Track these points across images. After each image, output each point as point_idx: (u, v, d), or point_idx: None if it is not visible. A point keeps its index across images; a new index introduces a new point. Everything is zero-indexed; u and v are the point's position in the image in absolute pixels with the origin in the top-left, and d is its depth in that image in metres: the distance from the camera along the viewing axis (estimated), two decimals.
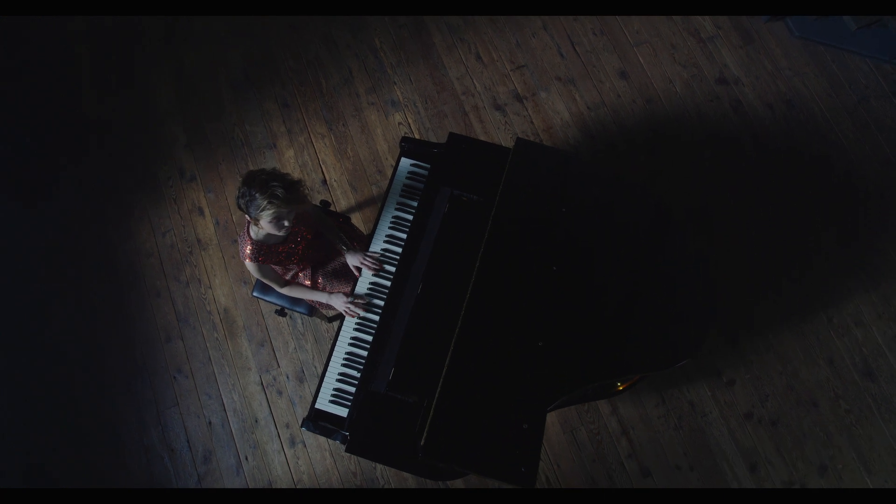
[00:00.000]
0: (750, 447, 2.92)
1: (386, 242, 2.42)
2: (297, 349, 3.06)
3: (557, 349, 1.76)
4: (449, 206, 2.27)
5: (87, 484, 2.92)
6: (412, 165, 2.51)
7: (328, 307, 2.55)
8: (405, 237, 2.39)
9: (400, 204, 2.47)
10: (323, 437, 2.65)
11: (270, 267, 2.29)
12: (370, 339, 2.28)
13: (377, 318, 2.31)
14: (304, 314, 2.69)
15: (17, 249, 3.24)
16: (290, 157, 3.35)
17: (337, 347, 2.31)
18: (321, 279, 2.49)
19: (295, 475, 2.91)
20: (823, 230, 3.20)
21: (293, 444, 2.95)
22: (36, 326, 3.13)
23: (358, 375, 2.24)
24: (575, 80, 3.46)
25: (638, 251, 2.02)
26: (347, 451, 2.02)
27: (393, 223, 2.44)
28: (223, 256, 3.21)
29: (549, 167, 2.17)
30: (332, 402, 2.23)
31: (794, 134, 3.37)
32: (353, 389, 2.23)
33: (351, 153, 3.34)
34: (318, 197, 3.27)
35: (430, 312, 2.15)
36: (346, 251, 2.39)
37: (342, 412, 2.21)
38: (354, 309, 2.30)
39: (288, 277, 2.49)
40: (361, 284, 2.38)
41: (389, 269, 2.37)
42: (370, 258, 2.34)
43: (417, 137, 3.35)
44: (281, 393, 3.01)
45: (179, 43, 3.57)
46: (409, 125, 3.38)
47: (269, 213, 1.91)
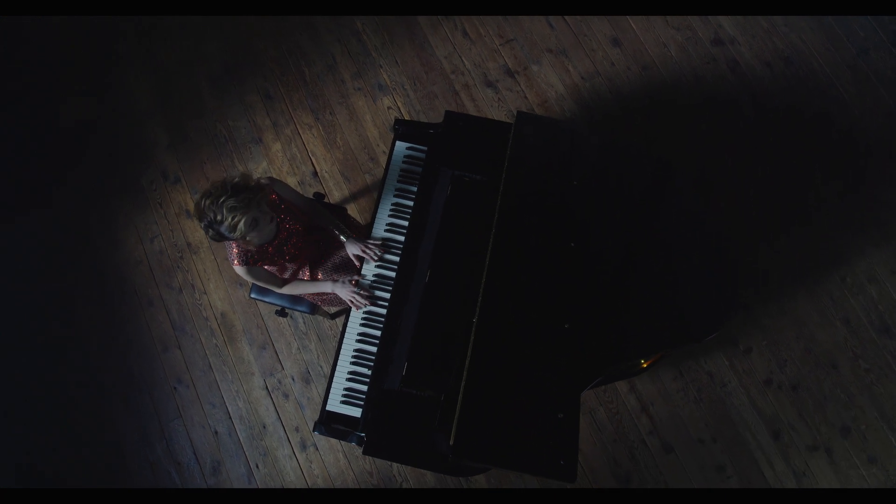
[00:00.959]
0: (772, 414, 2.86)
1: (387, 231, 2.30)
2: (300, 349, 2.95)
3: (585, 329, 1.66)
4: (451, 188, 2.16)
5: None
6: (408, 149, 2.39)
7: (330, 302, 2.44)
8: (407, 224, 2.28)
9: (399, 190, 2.35)
10: (336, 439, 2.54)
11: (263, 268, 2.16)
12: (378, 333, 2.18)
13: (384, 311, 2.20)
14: (305, 313, 2.57)
15: None
16: (277, 150, 3.21)
17: (344, 345, 2.20)
18: (321, 275, 2.38)
19: (309, 479, 2.82)
20: (828, 187, 3.13)
21: (304, 447, 2.85)
22: (21, 350, 2.98)
23: (369, 373, 2.14)
24: (567, 50, 3.33)
25: (658, 221, 1.92)
26: (365, 453, 1.92)
27: (393, 210, 2.32)
28: (216, 259, 3.07)
29: (553, 139, 2.06)
30: (343, 402, 2.13)
31: (794, 91, 3.27)
32: (364, 388, 2.12)
33: (340, 142, 3.21)
34: (310, 190, 3.14)
35: (440, 301, 2.05)
36: (345, 240, 2.27)
37: (355, 412, 2.11)
38: (360, 299, 2.18)
39: (287, 276, 2.36)
40: (366, 277, 2.27)
41: (393, 258, 2.26)
42: (372, 246, 2.23)
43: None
44: (287, 396, 2.90)
45: (154, 40, 3.40)
46: (398, 109, 3.25)
47: (242, 224, 1.79)
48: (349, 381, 2.16)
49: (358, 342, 2.20)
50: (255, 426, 2.88)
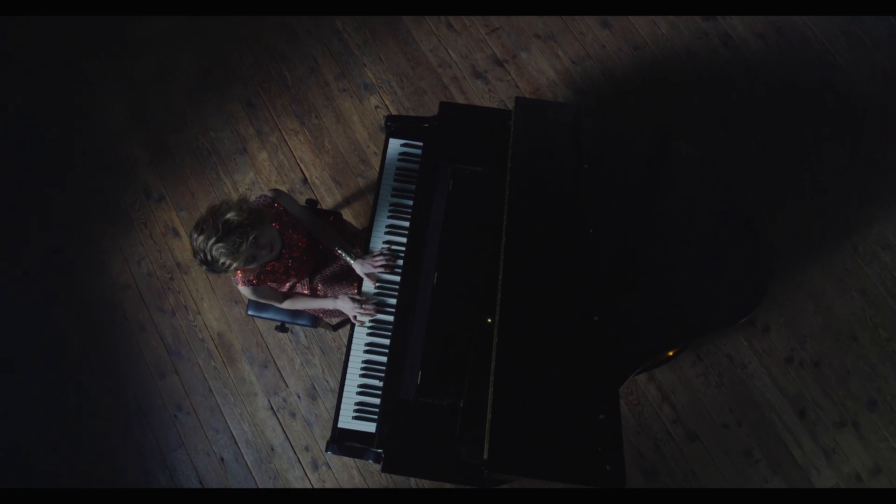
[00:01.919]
0: (795, 393, 2.78)
1: (388, 234, 2.18)
2: (304, 365, 2.81)
3: (617, 320, 1.55)
4: (452, 182, 2.04)
5: None
6: (402, 146, 2.27)
7: (332, 314, 2.31)
8: (408, 225, 2.16)
9: (396, 190, 2.23)
10: (351, 458, 2.39)
11: (267, 286, 2.04)
12: (387, 342, 2.06)
13: (391, 318, 2.09)
14: (307, 326, 2.45)
15: None
16: (263, 159, 3.08)
17: (351, 357, 2.08)
18: (320, 286, 2.25)
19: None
20: (831, 156, 3.05)
21: (316, 467, 2.72)
22: (10, 389, 2.83)
23: (380, 384, 2.02)
24: (555, 35, 3.23)
25: (675, 200, 1.82)
26: (384, 470, 1.80)
27: (392, 211, 2.20)
28: (208, 277, 2.94)
29: (557, 123, 1.95)
30: (356, 418, 2.01)
31: (788, 61, 3.20)
32: (377, 401, 2.00)
33: (329, 146, 3.09)
34: (301, 198, 3.01)
35: (450, 303, 1.93)
36: (352, 261, 2.14)
37: (369, 427, 1.99)
38: (365, 314, 2.06)
39: (285, 290, 2.23)
40: (368, 285, 2.15)
41: (397, 263, 2.14)
42: (381, 260, 2.10)
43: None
44: (294, 415, 2.77)
45: (124, 54, 3.26)
46: (386, 107, 3.13)
47: (239, 264, 1.70)
48: (360, 394, 2.03)
49: (366, 353, 2.08)
50: (262, 449, 2.74)
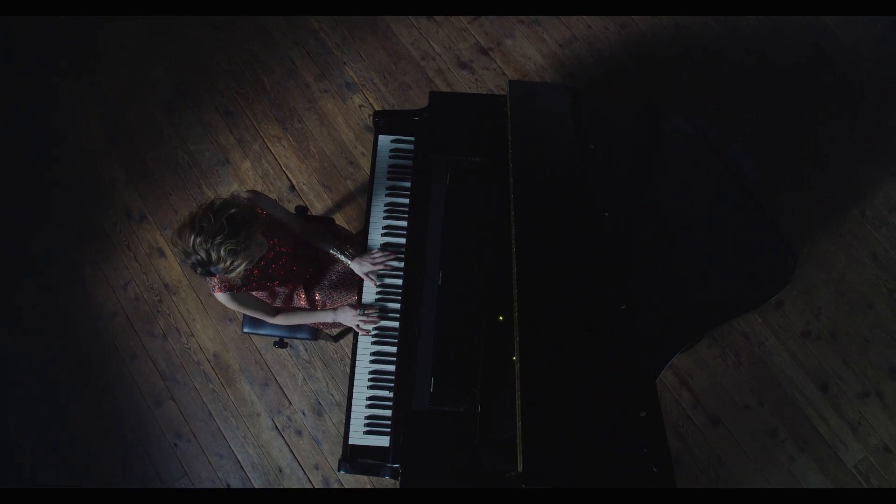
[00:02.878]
0: (816, 367, 2.70)
1: (385, 235, 2.07)
2: (306, 380, 2.69)
3: (645, 308, 1.45)
4: (450, 175, 1.93)
5: None
6: (393, 142, 2.16)
7: (332, 324, 2.19)
8: (406, 224, 2.05)
9: (390, 189, 2.12)
10: (366, 475, 2.26)
11: (249, 294, 1.90)
12: (394, 350, 1.95)
13: (396, 324, 1.97)
14: (307, 339, 2.32)
15: None
16: (247, 169, 2.95)
17: (357, 368, 1.96)
18: (318, 296, 2.13)
19: None
20: (830, 122, 2.98)
21: (328, 485, 2.59)
22: None
23: (390, 395, 1.91)
24: (539, 19, 3.13)
25: (686, 175, 1.72)
26: (403, 486, 1.69)
27: (388, 212, 2.09)
28: (198, 296, 2.80)
29: (554, 104, 1.85)
30: (367, 432, 1.89)
31: (780, 29, 3.12)
32: (388, 413, 1.89)
33: (314, 150, 2.96)
34: (290, 205, 2.88)
35: (458, 303, 1.82)
36: (349, 262, 2.02)
37: (382, 441, 1.87)
38: (369, 321, 1.95)
39: (279, 304, 2.10)
40: (368, 291, 2.03)
41: (397, 264, 2.03)
42: (380, 258, 1.99)
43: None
44: (300, 433, 2.64)
45: (93, 73, 3.11)
46: (371, 106, 3.01)
47: (242, 267, 1.55)
48: (370, 407, 1.92)
49: (373, 363, 1.96)
50: (270, 471, 2.62)
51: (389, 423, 1.87)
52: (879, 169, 2.94)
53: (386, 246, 2.04)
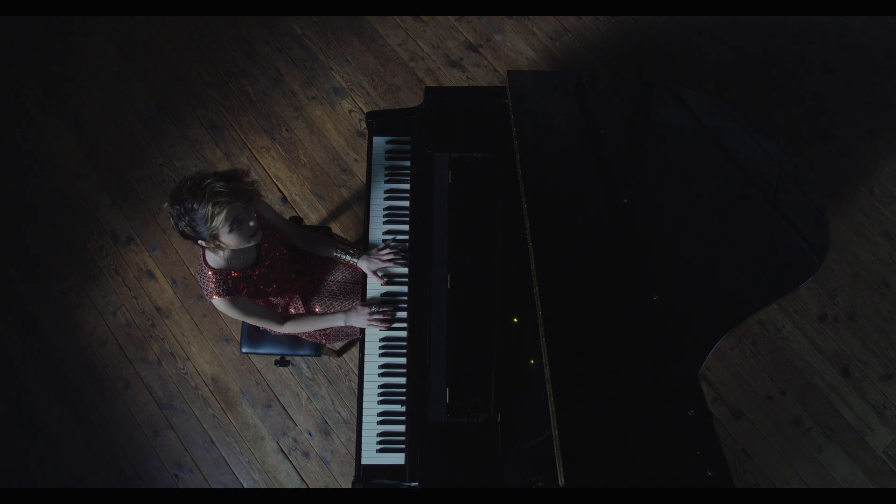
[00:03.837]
0: (835, 351, 2.62)
1: (386, 241, 1.96)
2: (311, 399, 2.57)
3: (679, 297, 1.35)
4: (452, 173, 1.84)
5: None
6: (388, 143, 2.06)
7: (336, 336, 2.08)
8: (408, 228, 1.95)
9: (388, 192, 2.02)
10: None
11: (248, 299, 1.75)
12: (404, 361, 1.84)
13: (404, 332, 1.87)
14: (309, 355, 2.21)
15: None
16: None
17: (366, 383, 1.85)
18: (318, 308, 2.02)
19: None
20: (830, 100, 2.92)
21: None
22: None
23: (402, 409, 1.79)
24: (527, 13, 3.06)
25: (707, 156, 1.63)
26: None
27: (387, 216, 1.99)
28: (192, 318, 2.68)
29: (557, 91, 1.76)
30: (381, 451, 1.78)
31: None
32: (402, 428, 1.77)
33: (305, 159, 2.86)
34: None
35: (470, 307, 1.72)
36: (356, 261, 1.92)
37: (398, 459, 1.76)
38: (385, 319, 1.84)
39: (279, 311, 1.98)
40: (371, 292, 1.93)
41: (400, 270, 1.93)
42: (388, 253, 1.89)
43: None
44: (308, 454, 2.52)
45: (68, 93, 3.00)
46: (360, 110, 2.92)
47: (221, 217, 1.43)
48: (382, 423, 1.80)
49: (382, 376, 1.85)
50: None
51: (404, 439, 1.75)
52: (883, 144, 2.89)
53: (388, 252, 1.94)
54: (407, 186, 1.99)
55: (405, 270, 1.92)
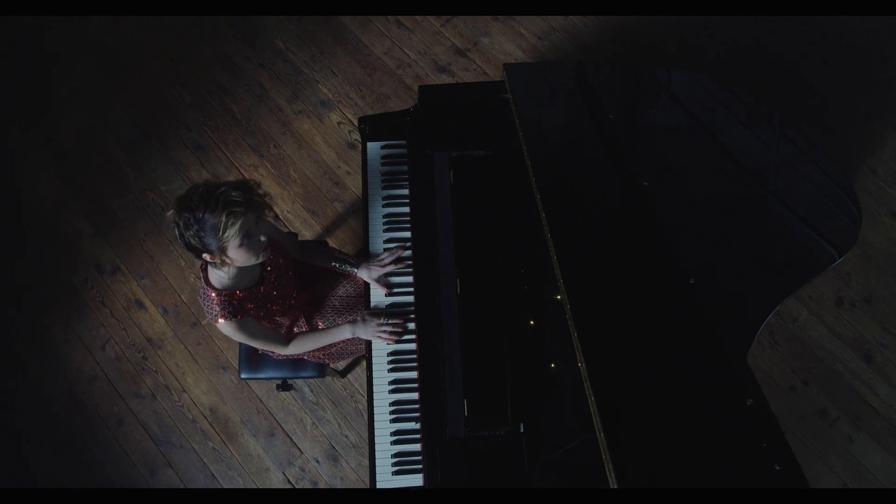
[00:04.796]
0: (855, 336, 2.54)
1: (388, 250, 1.86)
2: (316, 424, 2.44)
3: (714, 279, 1.25)
4: (453, 172, 1.75)
5: None
6: (383, 148, 1.98)
7: (339, 355, 1.97)
8: (410, 235, 1.85)
9: (386, 198, 1.92)
10: None
11: (255, 321, 1.65)
12: (414, 375, 1.73)
13: (413, 345, 1.76)
14: (312, 377, 2.08)
15: None
16: None
17: (377, 400, 1.73)
18: (321, 324, 1.91)
19: None
20: (827, 81, 2.89)
21: None
22: None
23: (418, 427, 1.68)
24: (513, 14, 3.01)
25: (720, 133, 1.56)
26: None
27: (387, 223, 1.89)
28: (186, 347, 2.55)
29: (557, 80, 1.69)
30: (397, 473, 1.65)
31: None
32: (418, 447, 1.66)
33: (295, 175, 2.76)
34: None
35: (483, 311, 1.62)
36: (355, 271, 1.83)
37: (415, 481, 1.64)
38: (395, 329, 1.73)
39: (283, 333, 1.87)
40: (375, 302, 1.82)
41: (404, 280, 1.83)
42: (388, 258, 1.80)
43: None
44: (316, 483, 2.38)
45: (45, 121, 2.89)
46: (350, 121, 2.84)
47: (235, 227, 1.32)
48: (396, 443, 1.68)
49: (392, 392, 1.74)
50: None
51: (421, 458, 1.63)
52: (882, 123, 2.85)
53: (391, 260, 1.83)
54: (406, 192, 1.90)
55: (410, 279, 1.82)
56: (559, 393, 1.54)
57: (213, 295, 1.52)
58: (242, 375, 2.03)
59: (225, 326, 1.54)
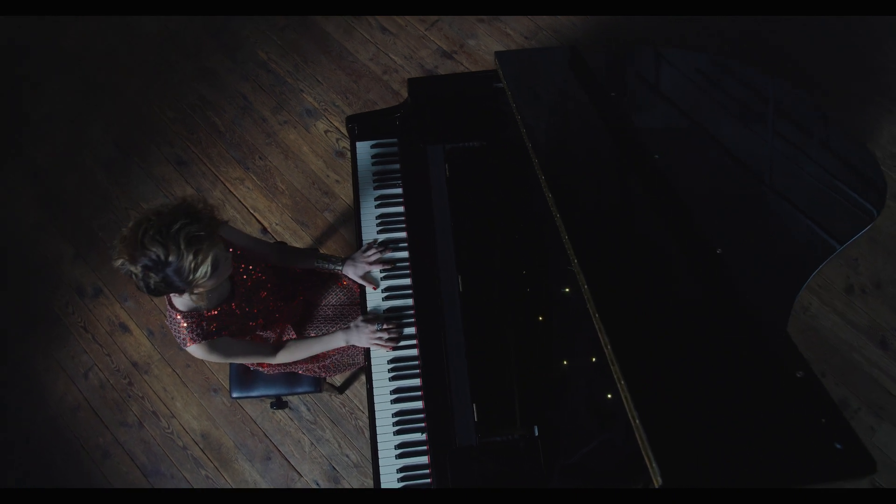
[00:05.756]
0: (869, 323, 2.46)
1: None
2: (314, 444, 2.31)
3: (740, 249, 1.16)
4: (448, 166, 1.67)
5: None
6: (374, 146, 1.89)
7: (336, 367, 1.86)
8: (405, 235, 1.76)
9: (379, 198, 1.83)
10: None
11: (229, 339, 1.50)
12: (418, 382, 1.62)
13: (414, 350, 1.65)
14: (308, 392, 1.96)
15: None
16: None
17: (378, 412, 1.62)
18: (313, 334, 1.80)
19: None
20: (821, 68, 2.86)
21: None
22: None
23: (424, 437, 1.56)
24: (499, 14, 2.97)
25: (723, 107, 1.49)
26: None
27: (381, 224, 1.80)
28: (174, 370, 2.42)
29: (553, 66, 1.62)
30: (404, 487, 1.53)
31: None
32: (425, 459, 1.54)
33: (283, 186, 2.67)
34: None
35: (487, 308, 1.52)
36: (340, 269, 1.72)
37: None
38: (391, 336, 1.62)
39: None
40: (371, 306, 1.72)
41: (402, 283, 1.73)
42: (373, 254, 1.70)
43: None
44: None
45: (20, 142, 2.79)
46: (336, 129, 2.76)
47: (205, 266, 1.18)
48: (401, 456, 1.57)
49: (395, 402, 1.62)
50: None
51: (429, 471, 1.52)
52: (877, 108, 2.82)
53: (389, 260, 1.74)
54: (399, 191, 1.82)
55: (408, 282, 1.73)
56: (573, 391, 1.44)
57: (178, 318, 1.38)
58: (234, 395, 1.91)
59: (196, 350, 1.40)
